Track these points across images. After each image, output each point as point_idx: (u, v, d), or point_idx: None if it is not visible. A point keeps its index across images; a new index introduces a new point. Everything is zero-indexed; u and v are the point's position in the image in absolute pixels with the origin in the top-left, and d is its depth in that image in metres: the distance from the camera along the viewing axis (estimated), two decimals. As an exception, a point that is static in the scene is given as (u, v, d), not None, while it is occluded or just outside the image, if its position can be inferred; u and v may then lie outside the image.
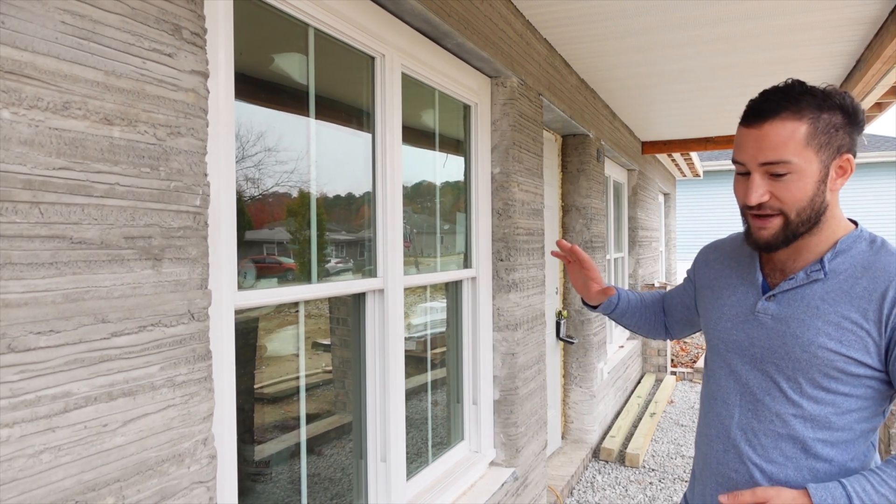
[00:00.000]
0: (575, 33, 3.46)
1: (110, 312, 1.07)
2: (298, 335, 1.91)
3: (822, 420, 1.20)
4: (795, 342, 1.21)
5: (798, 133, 1.15)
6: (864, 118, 1.21)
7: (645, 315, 1.71)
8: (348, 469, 2.16)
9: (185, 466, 1.21)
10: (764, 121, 1.17)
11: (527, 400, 3.18)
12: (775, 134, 1.16)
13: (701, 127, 6.50)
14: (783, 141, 1.15)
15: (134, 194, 1.12)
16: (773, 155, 1.16)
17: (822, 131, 1.16)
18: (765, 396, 1.26)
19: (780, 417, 1.24)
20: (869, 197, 16.89)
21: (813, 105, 1.16)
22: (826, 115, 1.16)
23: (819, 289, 1.22)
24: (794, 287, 1.25)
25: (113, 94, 1.08)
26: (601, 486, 4.37)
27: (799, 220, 1.19)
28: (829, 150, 1.17)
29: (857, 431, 1.21)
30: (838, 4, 3.06)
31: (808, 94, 1.16)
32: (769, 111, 1.17)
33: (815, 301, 1.21)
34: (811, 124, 1.15)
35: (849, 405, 1.20)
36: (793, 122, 1.15)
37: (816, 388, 1.20)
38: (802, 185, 1.17)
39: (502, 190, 2.99)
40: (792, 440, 1.23)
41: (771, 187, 1.19)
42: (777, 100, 1.17)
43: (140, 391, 1.12)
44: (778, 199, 1.18)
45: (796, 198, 1.17)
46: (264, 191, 1.76)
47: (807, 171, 1.16)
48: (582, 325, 4.84)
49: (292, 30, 1.81)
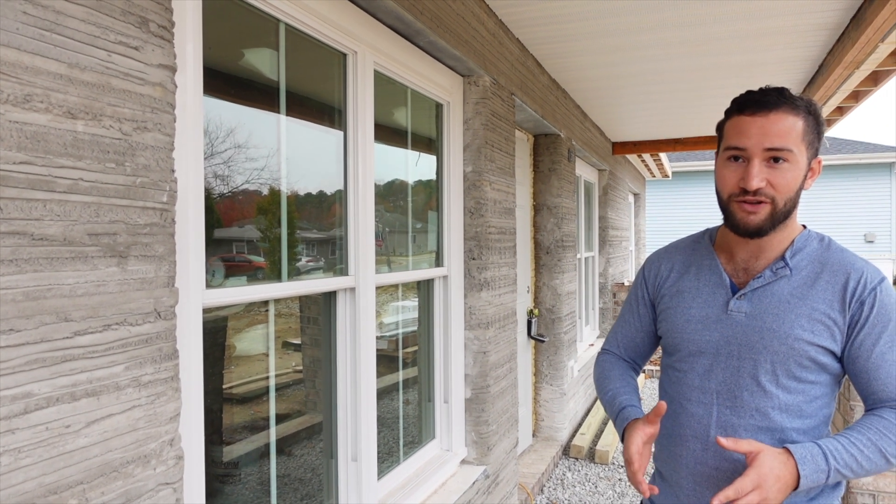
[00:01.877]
0: (547, 33, 3.49)
1: (73, 311, 1.05)
2: (268, 334, 1.89)
3: (795, 409, 1.28)
4: (773, 336, 1.27)
5: (797, 126, 1.25)
6: (824, 129, 1.33)
7: (634, 383, 1.61)
8: (319, 469, 2.14)
9: (152, 468, 1.19)
10: (769, 111, 1.25)
11: (498, 398, 3.20)
12: (781, 123, 1.24)
13: (670, 128, 6.60)
14: (787, 130, 1.24)
15: (98, 190, 1.09)
16: (779, 142, 1.24)
17: (811, 130, 1.27)
18: (742, 392, 1.30)
19: (758, 411, 1.29)
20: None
21: (802, 106, 1.26)
22: (812, 118, 1.28)
23: (786, 284, 1.30)
24: (764, 284, 1.31)
25: (77, 87, 1.05)
26: (571, 482, 4.41)
27: (784, 209, 1.27)
28: (812, 149, 1.28)
29: (820, 418, 1.31)
30: (802, 11, 3.13)
31: (797, 97, 1.27)
32: (772, 103, 1.25)
33: (785, 296, 1.29)
34: (805, 122, 1.26)
35: (815, 392, 1.29)
36: (793, 117, 1.25)
37: (791, 378, 1.27)
38: (794, 175, 1.26)
39: (474, 189, 3.00)
40: (770, 432, 1.28)
41: (768, 175, 1.25)
42: (776, 95, 1.25)
43: (104, 391, 1.10)
44: (773, 186, 1.25)
45: (789, 186, 1.26)
46: (234, 188, 1.74)
47: (799, 163, 1.26)
48: (553, 324, 4.88)
49: (263, 25, 1.79)
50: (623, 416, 1.41)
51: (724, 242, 1.40)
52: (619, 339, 1.60)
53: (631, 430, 1.32)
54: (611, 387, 1.51)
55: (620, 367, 1.57)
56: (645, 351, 1.58)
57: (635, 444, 1.28)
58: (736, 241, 1.36)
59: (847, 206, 18.49)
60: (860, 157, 18.16)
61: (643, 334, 1.56)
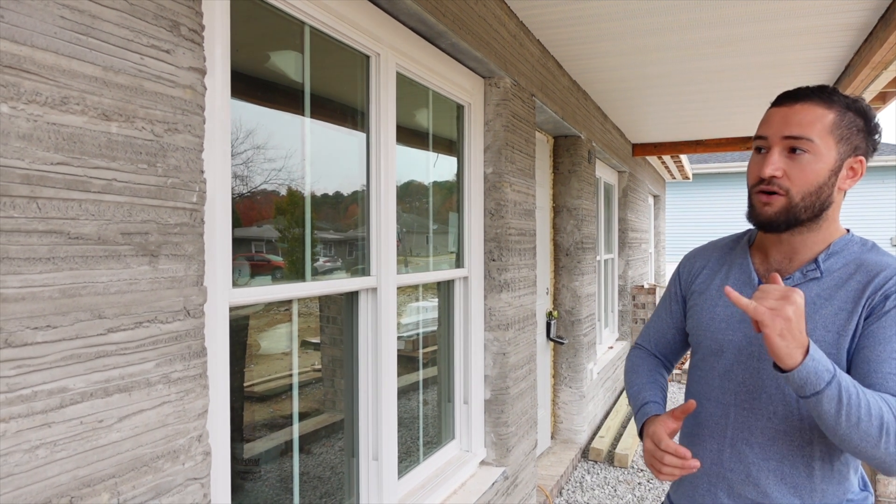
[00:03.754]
0: (568, 35, 3.48)
1: (107, 308, 1.07)
2: (291, 333, 1.91)
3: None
4: None
5: (826, 118, 1.22)
6: (880, 131, 1.28)
7: (662, 380, 1.58)
8: (338, 467, 2.16)
9: (180, 463, 1.21)
10: (796, 101, 1.24)
11: (517, 400, 3.20)
12: (805, 112, 1.23)
13: (691, 130, 6.55)
14: (811, 120, 1.22)
15: (131, 190, 1.11)
16: (798, 130, 1.22)
17: (846, 126, 1.23)
18: (761, 395, 1.28)
19: (776, 414, 1.26)
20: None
21: (842, 102, 1.24)
22: (851, 114, 1.24)
23: (815, 287, 1.26)
24: (792, 286, 1.26)
25: (111, 89, 1.08)
26: (590, 485, 4.39)
27: (803, 204, 1.23)
28: (848, 145, 1.24)
29: None
30: (829, 11, 3.09)
31: (839, 94, 1.25)
32: (802, 95, 1.24)
33: (812, 299, 1.25)
34: (838, 115, 1.23)
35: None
36: (822, 109, 1.23)
37: None
38: (816, 168, 1.22)
39: (495, 190, 3.00)
40: (787, 436, 1.25)
41: (786, 165, 1.23)
42: (811, 90, 1.25)
43: (136, 387, 1.12)
44: (789, 177, 1.23)
45: (807, 180, 1.22)
46: (257, 188, 1.76)
47: (824, 157, 1.22)
48: (572, 326, 4.86)
49: (288, 27, 1.81)
50: (644, 412, 1.41)
51: (761, 243, 1.38)
52: (651, 334, 1.60)
53: (652, 424, 1.32)
54: (637, 381, 1.52)
55: (650, 363, 1.57)
56: (676, 348, 1.57)
57: (656, 434, 1.27)
58: (770, 242, 1.34)
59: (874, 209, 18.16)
60: (886, 159, 17.84)
61: (674, 331, 1.55)
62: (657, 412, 1.39)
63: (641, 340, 1.63)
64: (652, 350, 1.60)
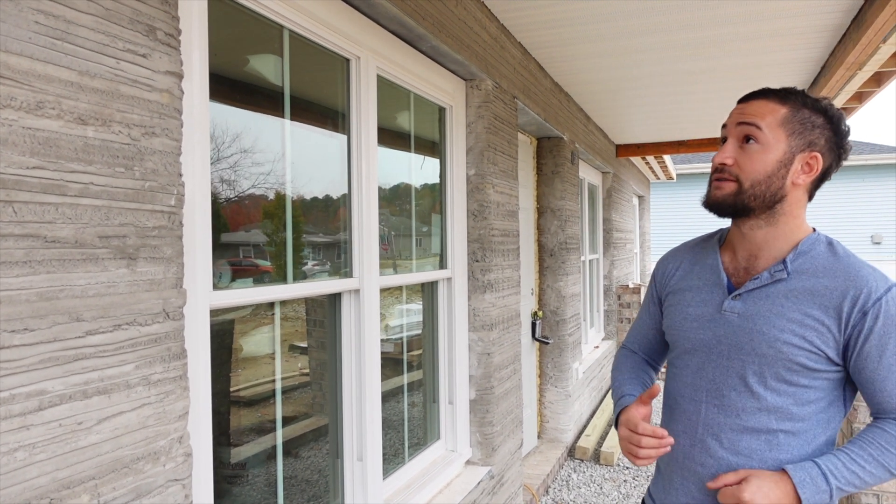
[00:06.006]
0: (549, 37, 3.51)
1: (85, 311, 1.08)
2: (274, 337, 1.92)
3: (784, 411, 1.27)
4: (762, 338, 1.27)
5: (778, 112, 1.29)
6: (847, 138, 1.32)
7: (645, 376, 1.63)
8: (325, 471, 2.17)
9: (161, 464, 1.22)
10: (752, 99, 1.33)
11: (502, 399, 3.22)
12: (758, 106, 1.31)
13: (674, 130, 6.61)
14: (763, 112, 1.30)
15: (108, 194, 1.12)
16: (748, 117, 1.30)
17: (799, 121, 1.29)
18: (730, 392, 1.31)
19: (744, 410, 1.29)
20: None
21: (798, 100, 1.30)
22: (807, 111, 1.29)
23: (783, 287, 1.28)
24: (760, 286, 1.31)
25: (87, 93, 1.09)
26: (576, 484, 4.42)
27: (751, 192, 1.30)
28: (800, 140, 1.29)
29: (814, 422, 1.28)
30: (804, 12, 3.15)
31: (799, 93, 1.32)
32: (761, 93, 1.33)
33: (780, 299, 1.28)
34: (790, 111, 1.29)
35: (808, 396, 1.27)
36: (776, 104, 1.30)
37: (779, 381, 1.26)
38: (764, 158, 1.29)
39: (477, 191, 3.03)
40: (756, 432, 1.28)
41: (737, 154, 1.31)
42: (771, 89, 1.34)
43: (115, 389, 1.13)
44: (739, 165, 1.30)
45: (755, 168, 1.29)
46: (240, 192, 1.77)
47: (772, 148, 1.28)
48: (557, 326, 4.89)
49: (267, 31, 1.82)
50: (620, 403, 1.49)
51: (730, 241, 1.41)
52: (635, 336, 1.67)
53: (625, 411, 1.39)
54: (619, 377, 1.59)
55: (633, 361, 1.63)
56: (659, 348, 1.63)
57: (630, 420, 1.34)
58: (737, 239, 1.37)
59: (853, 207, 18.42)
60: (866, 157, 18.09)
61: (654, 332, 1.60)
62: (632, 403, 1.45)
63: (627, 342, 1.69)
64: (636, 350, 1.66)
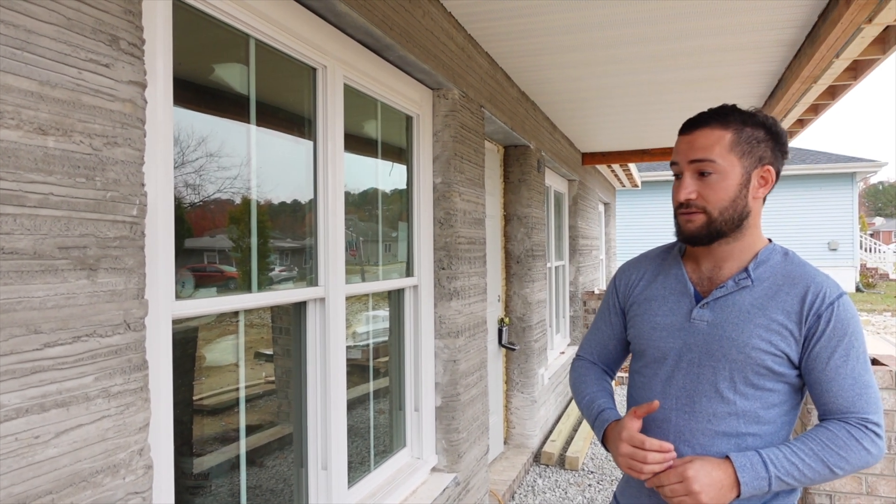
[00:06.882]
0: (516, 48, 3.56)
1: (43, 323, 1.07)
2: (238, 346, 1.90)
3: (752, 415, 1.33)
4: (731, 344, 1.32)
5: (724, 139, 1.34)
6: (785, 139, 1.39)
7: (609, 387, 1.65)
8: (291, 480, 2.16)
9: (121, 477, 1.21)
10: (696, 128, 1.37)
11: (468, 406, 3.24)
12: (704, 137, 1.36)
13: (638, 139, 6.74)
14: (710, 144, 1.35)
15: (69, 204, 1.11)
16: (700, 154, 1.35)
17: (745, 141, 1.35)
18: (700, 398, 1.35)
19: (715, 416, 1.34)
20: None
21: (738, 119, 1.36)
22: (749, 129, 1.35)
23: (748, 295, 1.35)
24: (726, 294, 1.37)
25: (48, 103, 1.08)
26: (542, 489, 4.46)
27: (721, 218, 1.35)
28: (751, 158, 1.35)
29: (779, 424, 1.35)
30: (762, 28, 3.25)
31: (735, 112, 1.36)
32: (701, 122, 1.37)
33: (746, 306, 1.34)
34: (735, 134, 1.35)
35: (773, 400, 1.34)
36: (720, 131, 1.35)
37: (748, 385, 1.32)
38: (725, 185, 1.34)
39: (444, 199, 3.05)
40: (726, 437, 1.33)
41: (698, 187, 1.35)
42: (708, 114, 1.37)
43: (74, 402, 1.12)
44: (703, 197, 1.35)
45: (719, 197, 1.34)
46: (205, 197, 1.76)
47: (729, 174, 1.34)
48: (523, 332, 4.94)
49: (233, 40, 1.82)
50: (603, 418, 1.48)
51: (692, 252, 1.46)
52: (592, 346, 1.67)
53: (621, 428, 1.38)
54: (587, 391, 1.58)
55: (595, 373, 1.63)
56: (617, 357, 1.64)
57: (634, 437, 1.34)
58: (700, 252, 1.43)
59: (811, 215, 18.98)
60: (823, 167, 18.65)
61: (615, 341, 1.62)
62: (616, 417, 1.46)
63: (583, 352, 1.69)
64: (594, 360, 1.67)
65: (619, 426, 1.39)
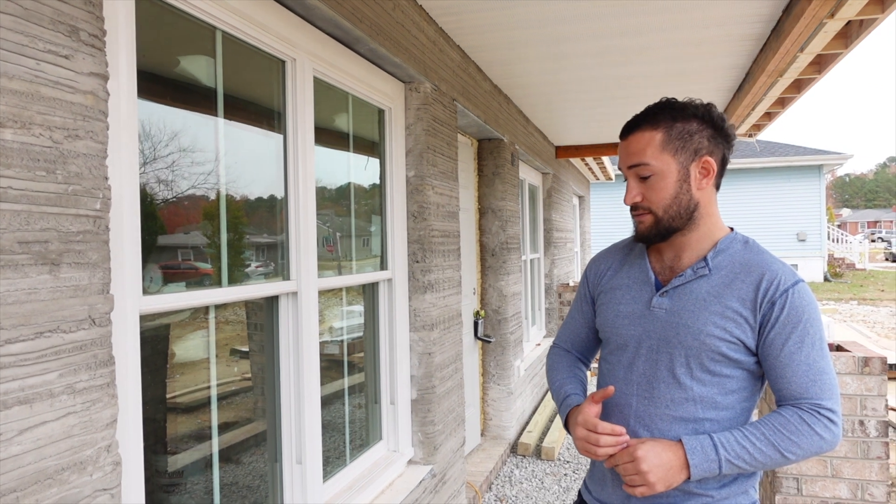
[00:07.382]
0: (487, 41, 3.57)
1: (4, 319, 1.05)
2: (209, 342, 1.89)
3: (710, 400, 1.35)
4: (687, 331, 1.35)
5: (654, 140, 1.37)
6: (723, 123, 1.40)
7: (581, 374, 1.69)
8: (266, 476, 2.15)
9: (88, 474, 1.19)
10: (629, 134, 1.42)
11: (444, 398, 3.25)
12: (636, 141, 1.40)
13: (610, 133, 6.80)
14: (642, 147, 1.38)
15: (28, 198, 1.09)
16: (635, 158, 1.39)
17: (677, 137, 1.37)
18: (659, 384, 1.38)
19: (673, 401, 1.37)
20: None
21: (667, 117, 1.38)
22: (680, 124, 1.37)
23: (705, 283, 1.38)
24: (684, 283, 1.40)
25: (4, 95, 1.06)
26: (518, 479, 4.50)
27: (668, 216, 1.39)
28: (686, 153, 1.38)
29: (738, 410, 1.38)
30: (730, 22, 3.30)
31: (666, 109, 1.39)
32: (633, 126, 1.41)
33: (703, 294, 1.37)
34: (665, 132, 1.37)
35: (731, 386, 1.36)
36: (650, 132, 1.38)
37: (704, 371, 1.35)
38: (664, 184, 1.38)
39: (417, 193, 3.05)
40: (684, 422, 1.36)
41: (642, 189, 1.40)
42: (639, 117, 1.41)
43: (37, 399, 1.10)
44: (647, 199, 1.39)
45: (660, 196, 1.38)
46: (178, 193, 1.74)
47: (666, 173, 1.37)
48: (499, 325, 4.96)
49: (199, 32, 1.80)
50: (567, 404, 1.53)
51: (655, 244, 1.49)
52: (566, 334, 1.71)
53: (578, 412, 1.43)
54: (558, 377, 1.63)
55: (568, 360, 1.68)
56: (590, 345, 1.68)
57: (588, 421, 1.38)
58: (661, 243, 1.46)
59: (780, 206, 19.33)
60: (791, 159, 18.99)
61: (587, 330, 1.66)
62: (578, 402, 1.50)
63: (559, 340, 1.74)
64: (568, 349, 1.71)
65: (577, 411, 1.43)
